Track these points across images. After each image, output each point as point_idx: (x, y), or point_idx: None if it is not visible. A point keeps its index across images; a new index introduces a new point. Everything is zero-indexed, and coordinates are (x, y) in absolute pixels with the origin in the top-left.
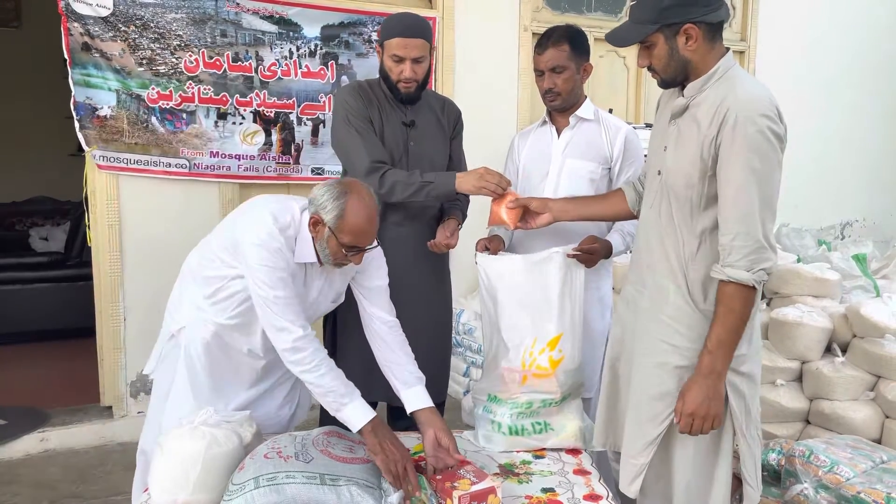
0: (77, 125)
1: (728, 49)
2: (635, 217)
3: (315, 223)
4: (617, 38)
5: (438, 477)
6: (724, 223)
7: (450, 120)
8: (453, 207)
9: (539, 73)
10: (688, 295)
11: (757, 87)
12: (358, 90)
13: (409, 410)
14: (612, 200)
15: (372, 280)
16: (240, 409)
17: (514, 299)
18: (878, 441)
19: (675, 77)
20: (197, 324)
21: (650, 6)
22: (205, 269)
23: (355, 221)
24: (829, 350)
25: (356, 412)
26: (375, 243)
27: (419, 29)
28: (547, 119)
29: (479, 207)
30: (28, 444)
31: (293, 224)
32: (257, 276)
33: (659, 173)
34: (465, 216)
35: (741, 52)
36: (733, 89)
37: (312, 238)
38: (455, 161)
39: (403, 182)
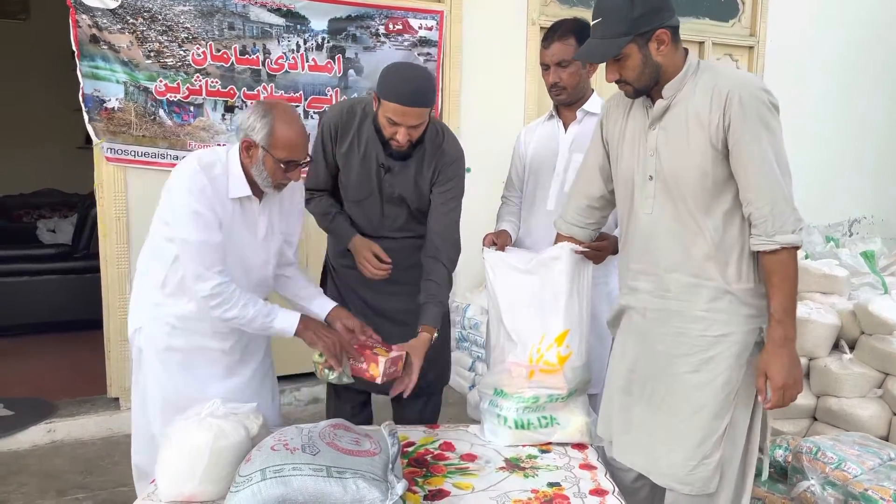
0: (86, 117)
1: (687, 49)
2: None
3: (248, 147)
4: (592, 56)
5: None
6: (755, 196)
7: (435, 169)
8: (428, 302)
9: (545, 67)
10: (721, 281)
11: (739, 70)
12: (343, 115)
13: (322, 317)
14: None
15: (295, 226)
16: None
17: (522, 295)
18: (886, 438)
19: (648, 84)
20: (155, 321)
21: (620, 19)
22: (151, 257)
23: (286, 135)
24: (836, 347)
25: (285, 321)
26: (309, 158)
27: (420, 98)
28: (554, 113)
29: (487, 198)
30: (35, 435)
31: (219, 161)
32: (179, 221)
33: (651, 178)
34: (440, 316)
35: (750, 48)
36: (720, 75)
37: (244, 166)
38: (439, 214)
39: (319, 215)
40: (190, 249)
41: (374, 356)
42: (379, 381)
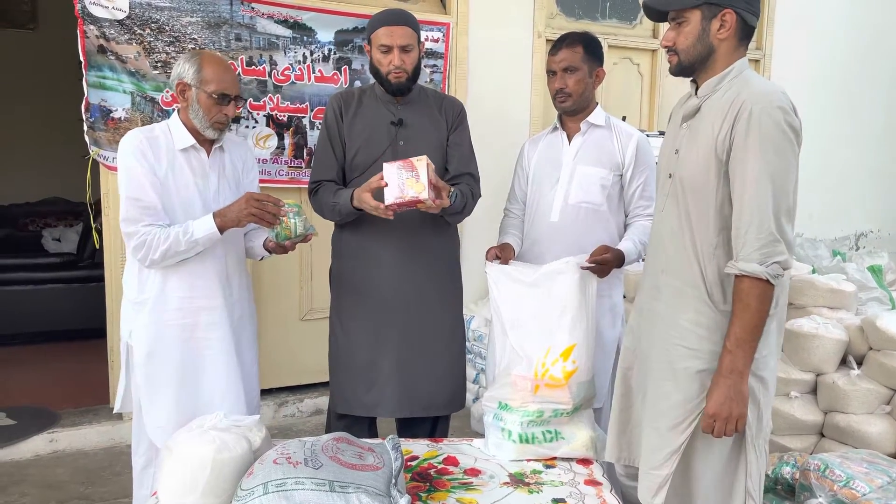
0: (85, 127)
1: (745, 58)
2: None
3: (182, 90)
4: (658, 2)
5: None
6: (736, 217)
7: (449, 115)
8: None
9: (551, 73)
10: (707, 297)
11: (770, 83)
12: (340, 97)
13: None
14: None
15: (253, 182)
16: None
17: (527, 309)
18: (894, 456)
19: (694, 63)
20: (140, 318)
21: None
22: (127, 256)
23: (214, 69)
24: (844, 362)
25: (202, 225)
26: (240, 98)
27: (404, 18)
28: (558, 125)
29: (490, 210)
30: (37, 445)
31: (160, 126)
32: (119, 182)
33: (670, 177)
34: (465, 196)
35: (756, 61)
36: (747, 85)
37: (184, 121)
38: (455, 159)
39: (324, 202)
40: (122, 207)
41: (405, 180)
42: (426, 193)
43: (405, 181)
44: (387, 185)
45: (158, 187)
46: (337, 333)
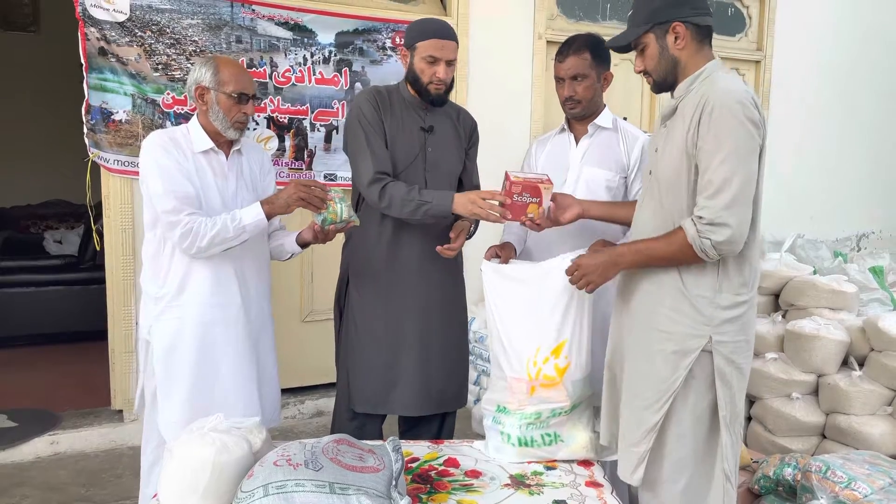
0: (85, 129)
1: (715, 57)
2: None
3: (201, 94)
4: (615, 41)
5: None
6: (697, 200)
7: (465, 129)
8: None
9: (559, 80)
10: (681, 284)
11: (735, 81)
12: (374, 94)
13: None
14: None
15: (270, 185)
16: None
17: (518, 305)
18: None
19: (666, 77)
20: (160, 314)
21: (643, 10)
22: (145, 257)
23: (231, 69)
24: (845, 363)
25: (250, 213)
26: (257, 98)
27: (453, 33)
28: (566, 127)
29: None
30: (38, 447)
31: (180, 128)
32: (148, 180)
33: (650, 173)
34: (475, 225)
35: (757, 62)
36: (713, 85)
37: (203, 125)
38: (468, 171)
39: (402, 198)
40: (160, 201)
41: (530, 196)
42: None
43: (527, 205)
44: (510, 202)
45: (189, 178)
46: (353, 333)
